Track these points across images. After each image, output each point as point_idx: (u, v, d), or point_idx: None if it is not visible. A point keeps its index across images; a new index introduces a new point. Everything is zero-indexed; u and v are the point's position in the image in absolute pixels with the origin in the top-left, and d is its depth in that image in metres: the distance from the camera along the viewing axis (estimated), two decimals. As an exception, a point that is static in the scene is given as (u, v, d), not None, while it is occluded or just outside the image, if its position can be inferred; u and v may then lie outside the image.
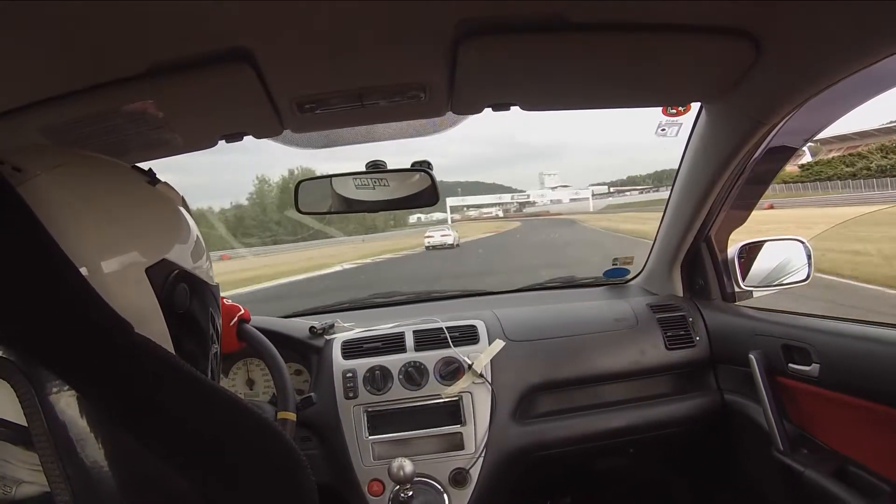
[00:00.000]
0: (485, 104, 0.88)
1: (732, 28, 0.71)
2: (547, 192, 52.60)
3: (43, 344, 0.37)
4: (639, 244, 5.01)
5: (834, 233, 4.44)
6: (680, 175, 1.22)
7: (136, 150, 0.91)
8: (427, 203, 1.01)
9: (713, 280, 1.30)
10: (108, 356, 0.39)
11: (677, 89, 0.92)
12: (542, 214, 40.96)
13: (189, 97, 0.76)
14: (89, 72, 0.67)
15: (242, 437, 0.44)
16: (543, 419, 1.19)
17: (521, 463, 1.15)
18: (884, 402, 0.83)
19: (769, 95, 0.88)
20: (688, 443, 1.27)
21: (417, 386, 1.14)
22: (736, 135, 1.01)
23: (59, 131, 0.78)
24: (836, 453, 0.96)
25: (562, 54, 0.75)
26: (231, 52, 0.65)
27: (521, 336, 1.22)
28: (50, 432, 0.37)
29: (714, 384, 1.24)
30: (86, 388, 0.38)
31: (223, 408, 0.44)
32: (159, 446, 0.40)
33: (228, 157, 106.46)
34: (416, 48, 0.70)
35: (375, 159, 1.00)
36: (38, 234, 0.37)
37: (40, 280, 0.37)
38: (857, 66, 0.76)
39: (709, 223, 1.25)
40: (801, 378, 0.99)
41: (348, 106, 0.83)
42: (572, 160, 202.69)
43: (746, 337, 1.13)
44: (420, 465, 1.09)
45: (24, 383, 0.37)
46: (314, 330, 1.23)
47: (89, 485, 0.38)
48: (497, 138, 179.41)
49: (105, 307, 0.39)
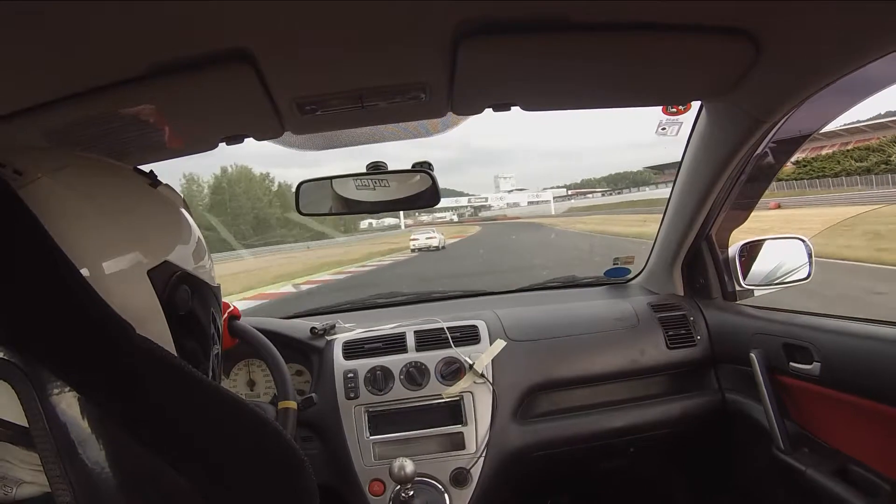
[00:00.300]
0: (485, 104, 0.87)
1: (732, 27, 0.70)
2: (504, 195, 51.75)
3: (44, 345, 0.37)
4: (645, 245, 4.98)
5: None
6: (681, 174, 1.22)
7: (136, 153, 0.91)
8: (428, 204, 1.01)
9: (714, 279, 1.30)
10: (109, 357, 0.39)
11: (677, 88, 0.92)
12: (499, 219, 39.22)
13: (189, 99, 0.76)
14: (89, 74, 0.67)
15: (243, 437, 0.44)
16: (544, 419, 1.19)
17: (522, 463, 1.15)
18: (885, 401, 0.83)
19: (769, 94, 0.88)
20: (689, 442, 1.27)
21: (418, 386, 1.14)
22: (736, 133, 1.01)
23: (61, 134, 0.78)
24: (838, 452, 0.96)
25: (562, 54, 0.74)
26: (231, 52, 0.65)
27: (522, 336, 1.22)
28: (51, 433, 0.37)
29: (715, 383, 1.24)
30: (86, 389, 0.38)
31: (224, 408, 0.44)
32: (159, 447, 0.40)
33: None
34: (416, 48, 0.70)
35: (376, 160, 1.00)
36: (40, 236, 0.37)
37: (42, 282, 0.37)
38: (856, 64, 0.76)
39: (709, 222, 1.25)
40: (803, 377, 0.99)
41: (349, 107, 0.83)
42: (526, 164, 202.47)
43: (747, 336, 1.13)
44: (421, 464, 1.09)
45: (25, 384, 0.37)
46: (315, 331, 1.23)
47: (90, 485, 0.38)
48: (450, 143, 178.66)
49: (106, 309, 0.39)
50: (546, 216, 36.57)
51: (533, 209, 43.93)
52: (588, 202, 46.67)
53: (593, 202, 45.86)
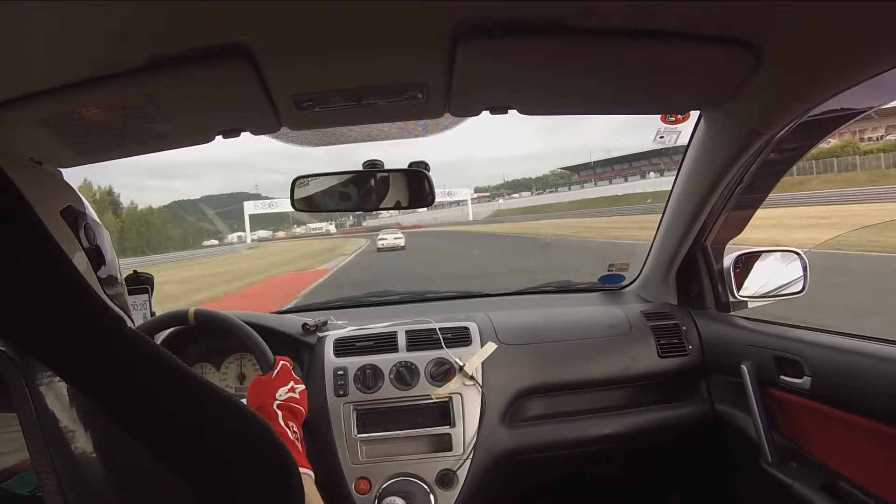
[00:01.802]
0: (482, 107, 0.87)
1: (732, 37, 0.70)
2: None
3: (36, 335, 0.37)
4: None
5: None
6: (678, 182, 1.21)
7: (132, 143, 0.91)
8: (423, 204, 1.01)
9: (708, 289, 1.30)
10: (100, 349, 0.39)
11: (675, 97, 0.92)
12: (392, 227, 31.80)
13: (186, 92, 0.76)
14: (87, 64, 0.67)
15: (234, 434, 0.44)
16: (533, 423, 1.19)
17: (509, 466, 1.15)
18: (874, 418, 0.83)
19: (768, 106, 0.88)
20: (677, 451, 1.27)
21: (408, 386, 1.14)
22: (734, 144, 1.00)
23: (57, 123, 0.79)
24: (825, 467, 0.96)
25: (560, 59, 0.74)
26: (229, 47, 0.65)
27: (513, 339, 1.22)
28: (39, 423, 0.37)
29: (705, 393, 1.24)
30: (77, 379, 0.38)
31: (212, 403, 0.44)
32: (148, 439, 0.40)
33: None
34: (414, 48, 0.70)
35: (373, 158, 1.01)
36: (36, 225, 0.37)
37: (37, 271, 0.37)
38: (857, 79, 0.76)
39: (705, 232, 1.24)
40: (793, 390, 0.98)
41: (346, 105, 0.83)
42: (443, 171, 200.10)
43: (739, 347, 1.13)
44: (407, 464, 1.10)
45: (14, 372, 0.37)
46: (307, 327, 1.23)
47: (77, 476, 0.38)
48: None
49: (98, 300, 0.39)
50: (462, 223, 29.29)
51: (440, 215, 35.94)
52: (519, 203, 41.88)
53: (525, 203, 41.11)
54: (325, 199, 1.03)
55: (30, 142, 0.83)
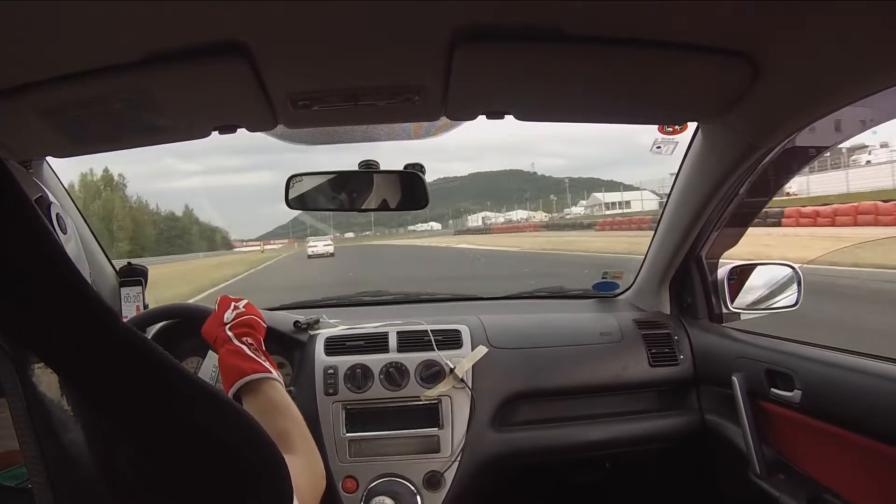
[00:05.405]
0: (479, 111, 0.87)
1: (731, 50, 0.70)
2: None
3: (30, 326, 0.37)
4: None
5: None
6: (673, 193, 1.22)
7: (129, 136, 0.91)
8: (417, 206, 1.01)
9: (701, 300, 1.29)
10: (93, 342, 0.39)
11: (672, 108, 0.92)
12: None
13: (184, 87, 0.76)
14: (86, 55, 0.67)
15: (227, 435, 0.44)
16: (522, 428, 1.18)
17: (496, 470, 1.15)
18: (863, 433, 0.83)
19: (765, 120, 0.88)
20: (666, 460, 1.27)
21: (397, 386, 1.13)
22: (730, 156, 1.00)
23: (55, 113, 0.79)
24: (813, 481, 0.95)
25: (556, 66, 0.75)
26: (228, 45, 0.66)
27: (504, 343, 1.22)
28: (29, 413, 0.37)
29: (696, 404, 1.24)
30: (69, 372, 0.38)
31: (208, 404, 0.44)
32: (135, 433, 0.40)
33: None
34: (411, 50, 0.70)
35: (368, 159, 1.00)
36: (36, 219, 0.37)
37: (35, 264, 0.37)
38: (854, 97, 0.76)
39: (700, 243, 1.24)
40: (783, 403, 0.98)
41: (343, 104, 0.83)
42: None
43: (731, 359, 1.13)
44: (395, 465, 1.09)
45: (6, 362, 0.37)
46: (298, 324, 1.23)
47: (67, 467, 0.38)
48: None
49: (93, 295, 0.39)
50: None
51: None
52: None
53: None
54: (317, 198, 1.03)
55: (27, 131, 0.83)
